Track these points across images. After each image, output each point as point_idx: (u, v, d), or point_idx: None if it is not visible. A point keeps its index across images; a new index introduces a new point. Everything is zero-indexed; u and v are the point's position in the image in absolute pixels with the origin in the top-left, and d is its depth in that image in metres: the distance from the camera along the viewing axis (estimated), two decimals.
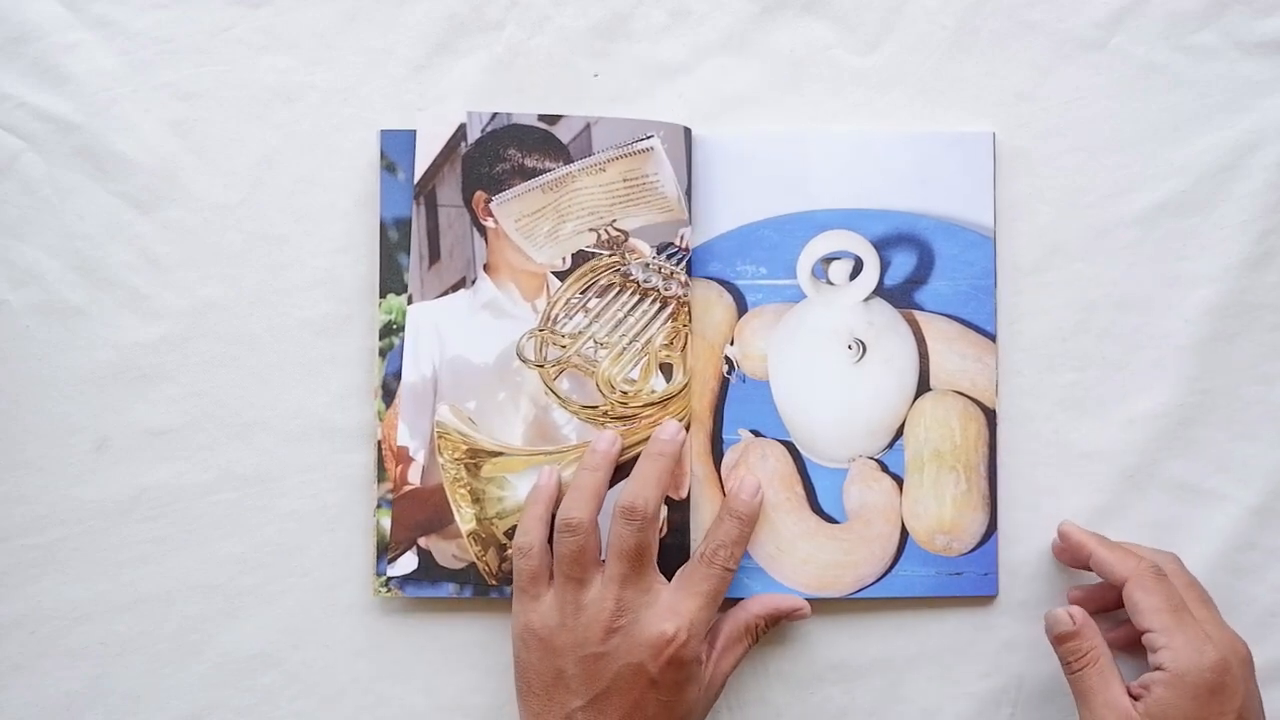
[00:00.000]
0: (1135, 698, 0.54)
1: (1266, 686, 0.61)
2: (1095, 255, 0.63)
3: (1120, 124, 0.63)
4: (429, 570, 0.60)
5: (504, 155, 0.62)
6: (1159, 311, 0.62)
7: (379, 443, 0.61)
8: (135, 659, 0.62)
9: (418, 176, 0.61)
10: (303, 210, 0.63)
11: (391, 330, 0.61)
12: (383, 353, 0.61)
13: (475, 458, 0.61)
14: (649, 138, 0.61)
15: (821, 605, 0.61)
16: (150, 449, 0.62)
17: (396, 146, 0.62)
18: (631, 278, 0.61)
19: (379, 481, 0.61)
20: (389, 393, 0.61)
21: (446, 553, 0.60)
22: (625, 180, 0.61)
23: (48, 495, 0.62)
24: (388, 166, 0.62)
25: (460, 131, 0.62)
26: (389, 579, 0.61)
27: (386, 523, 0.61)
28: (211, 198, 0.63)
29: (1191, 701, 0.52)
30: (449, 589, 0.61)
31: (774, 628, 0.60)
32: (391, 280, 0.61)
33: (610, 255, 0.61)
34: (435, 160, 0.62)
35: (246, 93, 0.63)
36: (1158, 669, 0.53)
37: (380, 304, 0.61)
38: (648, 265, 0.61)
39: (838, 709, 0.62)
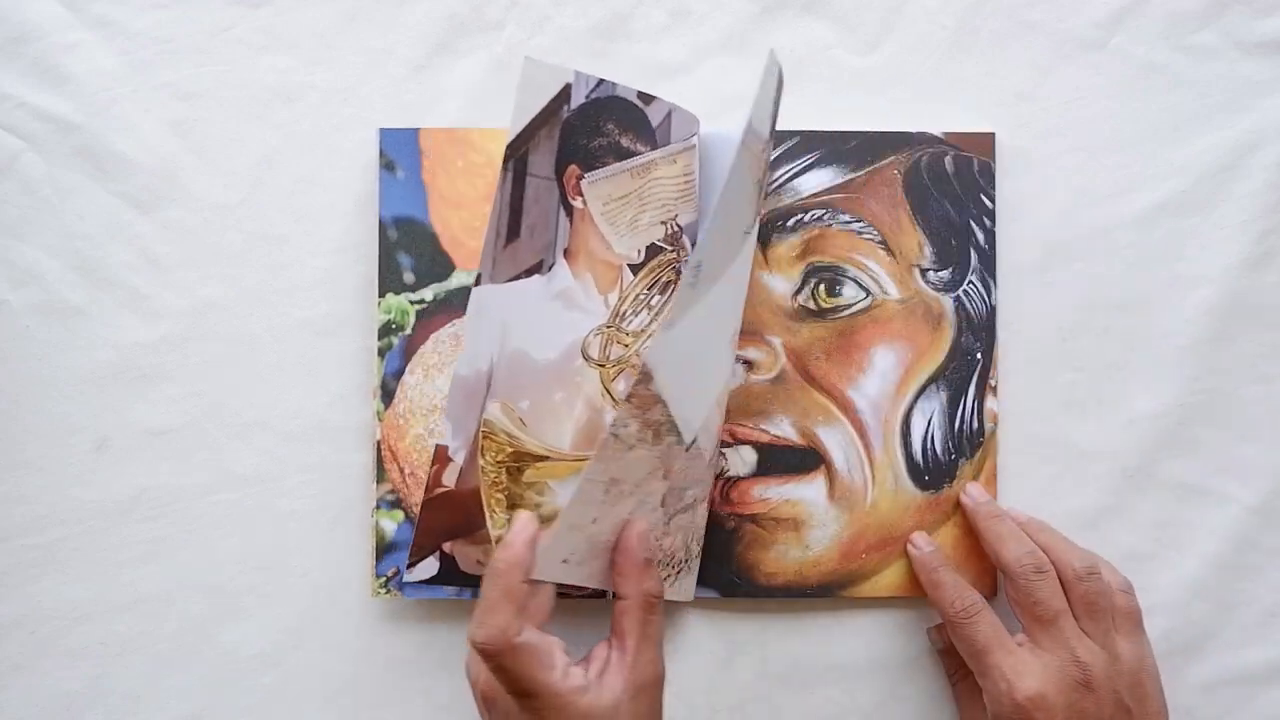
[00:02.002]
0: None
1: (1267, 686, 0.61)
2: (1095, 255, 0.63)
3: (1120, 124, 0.63)
4: (450, 576, 0.59)
5: (602, 129, 0.58)
6: (1159, 311, 0.62)
7: (378, 443, 0.61)
8: (135, 659, 0.62)
9: (512, 136, 0.56)
10: (303, 210, 0.63)
11: (390, 330, 0.61)
12: (382, 352, 0.61)
13: (519, 461, 0.58)
14: (694, 135, 0.60)
15: (822, 605, 0.61)
16: (150, 449, 0.62)
17: (396, 145, 0.62)
18: (682, 275, 0.58)
19: (378, 482, 0.61)
20: (388, 393, 0.61)
21: (470, 558, 0.59)
22: (685, 175, 0.59)
23: (48, 495, 0.62)
24: (387, 165, 0.62)
25: (565, 93, 0.58)
26: (386, 581, 0.61)
27: (386, 523, 0.61)
28: (211, 198, 0.63)
29: None
30: (449, 591, 0.61)
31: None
32: (391, 280, 0.61)
33: (672, 251, 0.59)
34: (534, 121, 0.57)
35: (246, 93, 0.63)
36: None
37: (380, 304, 0.61)
38: (688, 263, 0.57)
39: (838, 709, 0.62)
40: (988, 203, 0.62)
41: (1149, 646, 0.57)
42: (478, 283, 0.57)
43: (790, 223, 0.62)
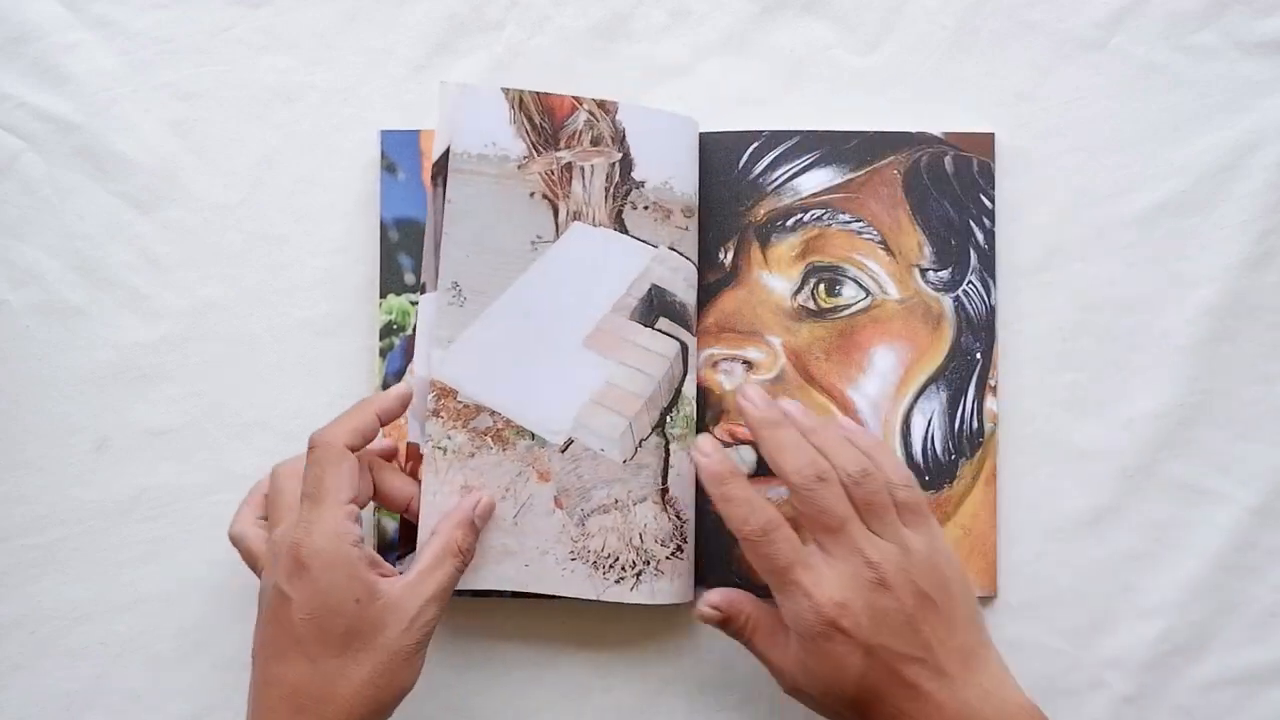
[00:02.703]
0: None
1: (1267, 686, 0.61)
2: (1095, 255, 0.63)
3: (1120, 124, 0.63)
4: None
5: None
6: (1159, 311, 0.62)
7: None
8: (135, 659, 0.62)
9: (436, 153, 0.60)
10: (303, 210, 0.63)
11: (392, 330, 0.61)
12: (383, 353, 0.61)
13: None
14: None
15: None
16: (150, 449, 0.62)
17: (397, 147, 0.62)
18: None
19: None
20: None
21: None
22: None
23: (48, 495, 0.62)
24: (388, 167, 0.62)
25: None
26: None
27: (386, 522, 0.61)
28: (211, 198, 0.63)
29: (814, 657, 0.52)
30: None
31: (476, 533, 0.56)
32: (392, 280, 0.61)
33: None
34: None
35: (246, 93, 0.63)
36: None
37: (381, 304, 0.61)
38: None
39: None
40: (987, 203, 0.62)
41: (939, 535, 0.55)
42: (422, 291, 0.60)
43: (790, 222, 0.62)
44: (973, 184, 0.62)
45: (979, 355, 0.62)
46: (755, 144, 0.62)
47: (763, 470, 0.61)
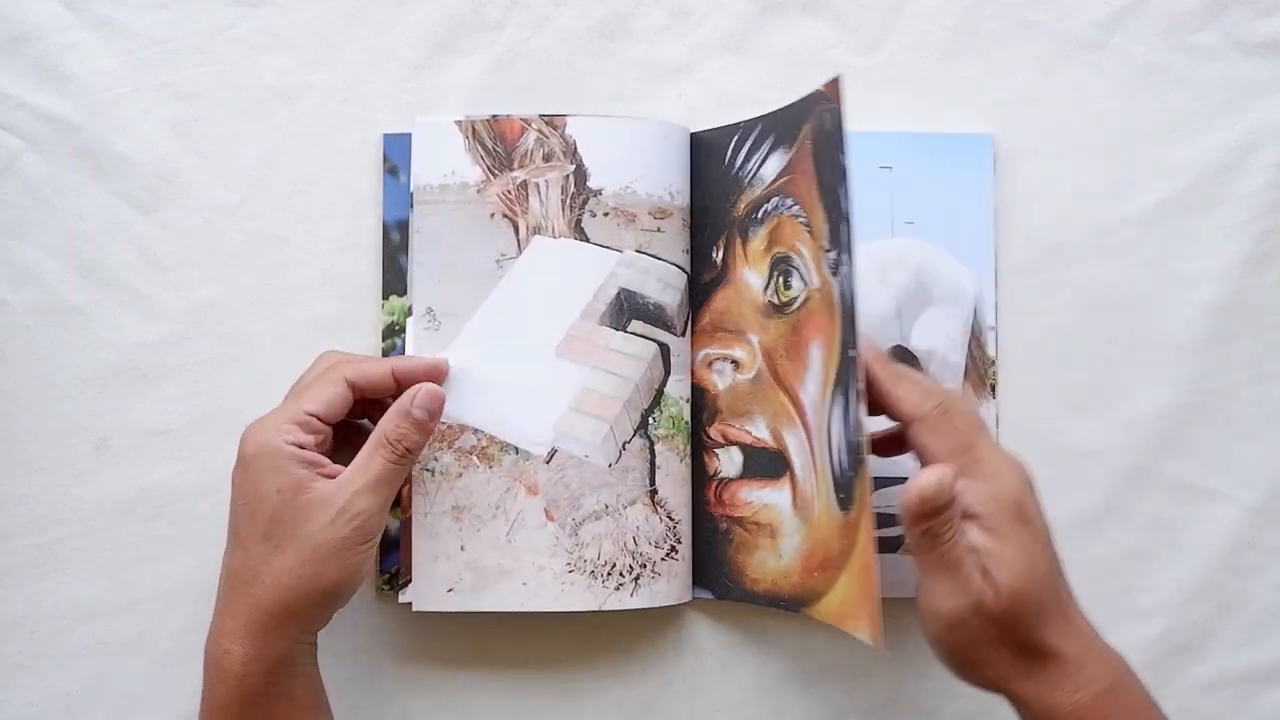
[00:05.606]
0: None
1: (1267, 686, 0.61)
2: (1095, 255, 0.63)
3: (1120, 124, 0.63)
4: None
5: None
6: (1159, 311, 0.62)
7: None
8: (135, 659, 0.62)
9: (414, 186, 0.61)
10: (303, 210, 0.63)
11: (394, 331, 0.61)
12: (385, 353, 0.61)
13: None
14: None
15: None
16: (150, 449, 0.62)
17: (399, 149, 0.62)
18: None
19: None
20: None
21: None
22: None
23: (48, 495, 0.62)
24: (390, 170, 0.62)
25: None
26: (389, 578, 0.61)
27: (388, 522, 0.61)
28: (211, 198, 0.63)
29: (1009, 540, 0.49)
30: None
31: (415, 426, 0.55)
32: (394, 282, 0.62)
33: None
34: None
35: (246, 93, 0.63)
36: (966, 516, 0.49)
37: (384, 305, 0.62)
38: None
39: (838, 709, 0.62)
40: (843, 160, 0.52)
41: None
42: (409, 312, 0.61)
43: (759, 214, 0.59)
44: (830, 140, 0.54)
45: (850, 353, 0.53)
46: (736, 137, 0.61)
47: (749, 473, 0.60)
